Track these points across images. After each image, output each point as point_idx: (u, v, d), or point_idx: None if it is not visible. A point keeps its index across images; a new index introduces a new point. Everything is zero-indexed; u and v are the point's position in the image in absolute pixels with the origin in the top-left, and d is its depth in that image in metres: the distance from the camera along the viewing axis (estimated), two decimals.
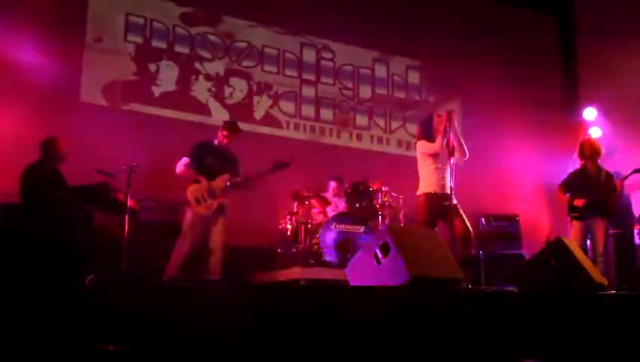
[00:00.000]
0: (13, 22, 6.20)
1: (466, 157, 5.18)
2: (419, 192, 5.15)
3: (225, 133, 5.55)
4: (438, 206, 5.01)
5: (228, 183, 5.37)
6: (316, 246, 6.07)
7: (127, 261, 4.83)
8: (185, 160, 5.42)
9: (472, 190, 6.33)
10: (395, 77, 8.82)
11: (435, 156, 5.10)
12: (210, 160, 5.43)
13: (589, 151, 6.08)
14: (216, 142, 5.58)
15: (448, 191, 5.07)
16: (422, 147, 5.18)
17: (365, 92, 8.58)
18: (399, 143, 8.54)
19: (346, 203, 6.60)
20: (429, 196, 5.05)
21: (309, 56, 8.30)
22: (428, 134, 5.19)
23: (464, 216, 4.97)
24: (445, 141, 5.03)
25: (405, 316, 2.97)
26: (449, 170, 5.09)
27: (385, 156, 8.33)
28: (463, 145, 5.15)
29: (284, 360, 2.88)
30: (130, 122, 6.79)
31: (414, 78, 8.95)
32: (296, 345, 2.90)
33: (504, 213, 8.01)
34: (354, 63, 8.54)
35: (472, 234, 4.98)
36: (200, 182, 5.32)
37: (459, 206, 4.98)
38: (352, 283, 3.83)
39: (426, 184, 5.12)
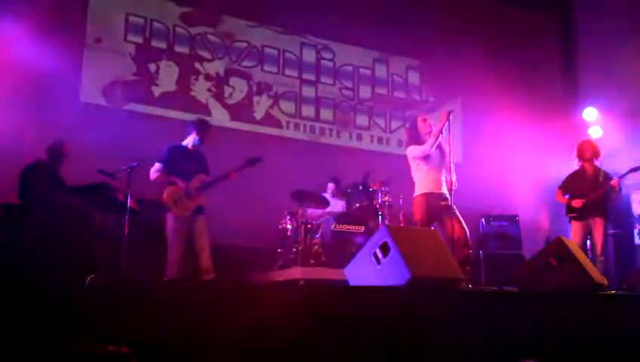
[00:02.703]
0: (14, 22, 6.19)
1: (455, 188, 5.07)
2: (416, 194, 5.16)
3: (203, 136, 5.51)
4: (435, 205, 5.03)
5: (201, 183, 5.34)
6: (316, 247, 6.07)
7: (127, 261, 4.82)
8: (157, 165, 5.35)
9: (472, 190, 6.33)
10: (395, 77, 8.82)
11: (426, 158, 5.11)
12: (184, 163, 5.37)
13: (587, 153, 6.09)
14: (190, 145, 5.49)
15: (444, 191, 5.09)
16: (413, 151, 5.19)
17: (365, 92, 8.58)
18: (399, 143, 8.54)
19: (346, 203, 6.60)
20: (426, 196, 5.06)
21: (309, 56, 8.30)
22: (416, 138, 5.21)
23: (460, 217, 4.97)
24: (437, 142, 5.04)
25: (405, 316, 2.97)
26: (444, 170, 5.10)
27: (385, 156, 8.33)
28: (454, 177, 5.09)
29: (283, 360, 2.88)
30: (130, 122, 6.79)
31: (414, 78, 8.95)
32: (296, 346, 2.90)
33: (504, 213, 8.02)
34: (354, 63, 8.55)
35: (467, 234, 4.98)
36: (176, 184, 5.29)
37: (454, 206, 4.99)
38: (352, 283, 3.83)
39: (422, 185, 5.13)
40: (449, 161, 5.02)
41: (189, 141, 5.52)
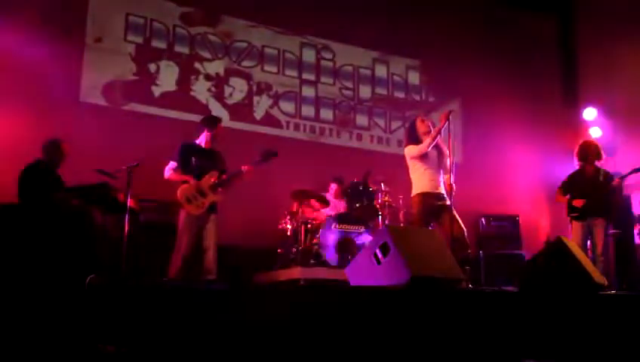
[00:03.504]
0: (14, 22, 6.20)
1: (453, 190, 5.02)
2: (413, 194, 5.18)
3: (215, 133, 5.51)
4: (433, 205, 5.04)
5: (215, 180, 5.34)
6: (316, 247, 6.07)
7: (127, 261, 4.82)
8: (172, 164, 5.39)
9: (472, 190, 6.33)
10: (395, 77, 8.82)
11: (424, 158, 5.13)
12: (196, 160, 5.38)
13: (589, 154, 6.08)
14: (204, 143, 5.51)
15: (442, 191, 5.10)
16: (410, 151, 5.22)
17: (365, 92, 8.57)
18: (399, 143, 8.52)
19: (346, 203, 6.61)
20: (424, 195, 5.08)
21: (309, 56, 8.29)
22: (414, 139, 5.23)
23: (457, 216, 4.98)
24: (434, 141, 5.05)
25: (405, 316, 2.97)
26: (442, 170, 5.13)
27: (385, 156, 8.33)
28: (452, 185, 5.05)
29: (283, 360, 2.88)
30: (130, 122, 6.79)
31: (414, 78, 8.95)
32: (296, 346, 2.90)
33: (504, 213, 8.02)
34: (354, 63, 8.54)
35: (465, 233, 4.98)
36: (189, 182, 5.30)
37: (452, 206, 4.99)
38: (352, 283, 3.83)
39: (419, 185, 5.15)
40: (447, 162, 5.02)
41: (202, 139, 5.53)
